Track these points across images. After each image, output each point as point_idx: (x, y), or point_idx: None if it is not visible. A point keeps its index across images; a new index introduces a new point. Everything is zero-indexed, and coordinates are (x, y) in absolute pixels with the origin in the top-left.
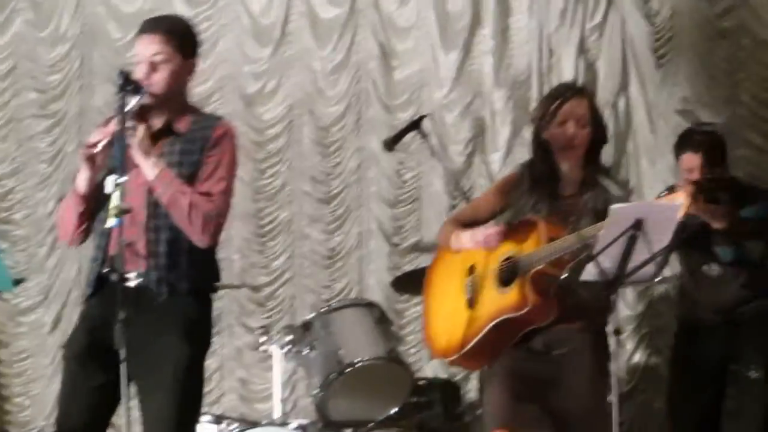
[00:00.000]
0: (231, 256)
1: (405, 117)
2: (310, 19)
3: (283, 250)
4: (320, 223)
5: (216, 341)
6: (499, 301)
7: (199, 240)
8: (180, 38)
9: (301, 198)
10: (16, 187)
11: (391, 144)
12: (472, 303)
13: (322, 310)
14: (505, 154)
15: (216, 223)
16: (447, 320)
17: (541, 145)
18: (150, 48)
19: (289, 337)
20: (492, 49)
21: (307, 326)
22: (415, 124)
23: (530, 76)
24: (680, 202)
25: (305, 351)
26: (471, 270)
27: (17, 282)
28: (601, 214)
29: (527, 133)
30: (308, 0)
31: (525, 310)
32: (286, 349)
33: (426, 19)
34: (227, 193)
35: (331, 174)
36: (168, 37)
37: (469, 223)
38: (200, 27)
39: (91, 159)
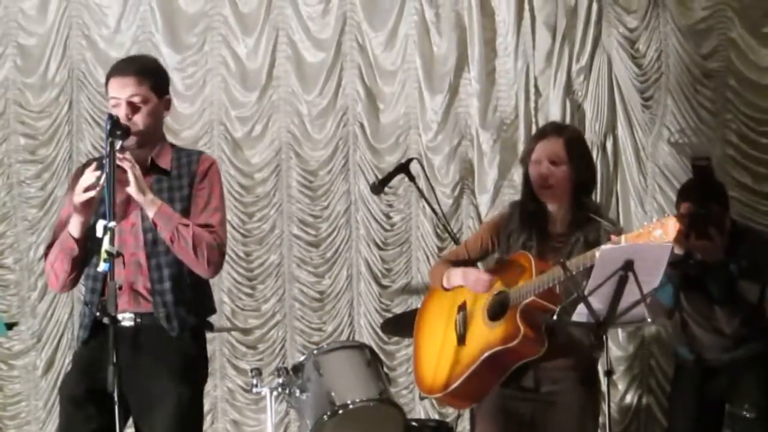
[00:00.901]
0: (221, 299)
1: (392, 160)
2: (296, 63)
3: (273, 293)
4: (309, 265)
5: (208, 383)
6: (488, 335)
7: (205, 271)
8: (152, 77)
9: (290, 241)
10: (7, 232)
11: (379, 187)
12: (462, 339)
13: (314, 352)
14: (494, 196)
15: (220, 252)
16: (436, 357)
17: (528, 184)
18: (125, 90)
19: (281, 379)
20: (478, 91)
21: (298, 368)
22: (402, 167)
23: (517, 117)
24: (669, 243)
25: (297, 393)
26: (461, 307)
27: (9, 326)
28: (592, 247)
29: (515, 174)
30: (294, 44)
31: (516, 341)
32: (278, 391)
33: (411, 62)
34: (224, 223)
35: (320, 217)
36: (141, 78)
37: (460, 262)
38: (187, 72)
39: (86, 203)
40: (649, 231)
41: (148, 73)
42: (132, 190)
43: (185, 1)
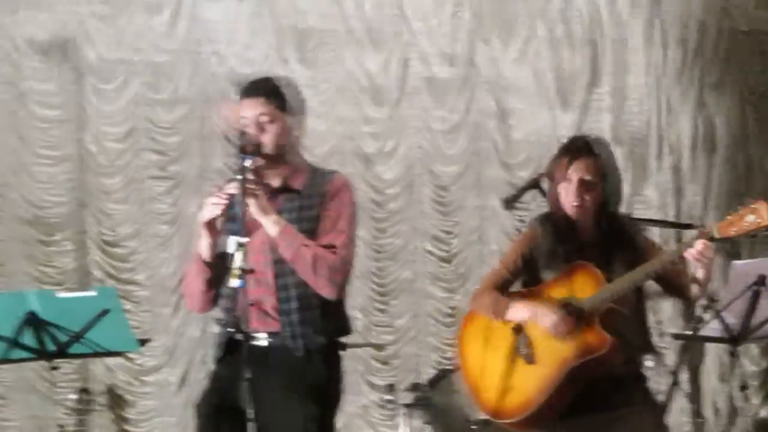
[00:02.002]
0: (354, 315)
1: (524, 175)
2: (427, 80)
3: (406, 309)
4: (442, 281)
5: (342, 399)
6: (565, 349)
7: (327, 292)
8: (282, 98)
9: (422, 257)
10: (138, 248)
11: (510, 202)
12: (531, 359)
13: (447, 368)
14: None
15: (341, 273)
16: (502, 381)
17: (556, 200)
18: (254, 111)
19: (415, 395)
20: (610, 107)
21: (431, 384)
22: (534, 183)
23: (648, 133)
24: None
25: (431, 408)
26: (517, 329)
27: (142, 342)
28: (632, 254)
29: (647, 189)
30: (425, 60)
31: (604, 350)
32: (412, 406)
33: (543, 78)
34: (349, 244)
35: (452, 233)
36: (270, 99)
37: (505, 286)
38: (319, 88)
39: (210, 225)
40: (740, 216)
41: (279, 93)
42: (253, 210)
43: (317, 18)
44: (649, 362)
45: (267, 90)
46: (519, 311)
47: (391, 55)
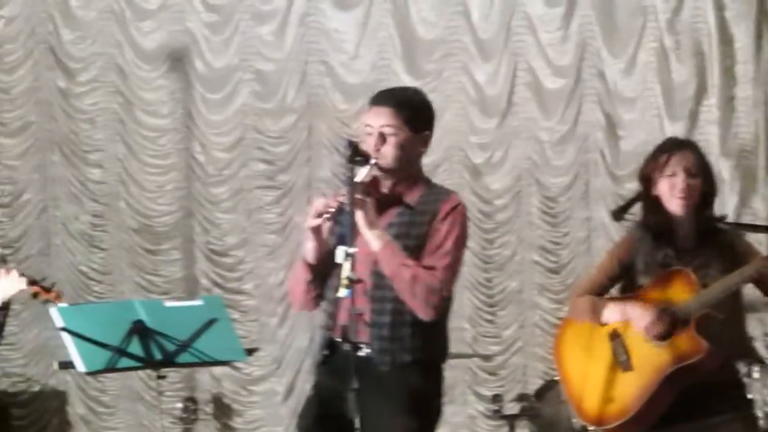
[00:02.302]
0: (462, 325)
1: (632, 187)
2: (536, 90)
3: (513, 319)
4: (550, 292)
5: (448, 410)
6: (661, 355)
7: (422, 313)
8: (410, 111)
9: (530, 268)
10: (246, 258)
11: (619, 214)
12: (627, 366)
13: (554, 378)
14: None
15: (439, 296)
16: (600, 388)
17: (653, 202)
18: (378, 120)
19: (522, 405)
20: (718, 118)
21: (539, 395)
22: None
23: (757, 145)
24: None
25: (538, 419)
26: (614, 335)
27: (250, 352)
28: (729, 257)
29: (755, 202)
30: (533, 71)
31: (700, 355)
32: (519, 417)
33: (651, 90)
34: (452, 267)
35: (560, 244)
36: (397, 110)
37: (601, 291)
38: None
39: (317, 229)
40: None
41: (407, 106)
42: (359, 221)
43: (424, 27)
44: (755, 372)
45: (397, 101)
46: (614, 312)
47: (499, 66)
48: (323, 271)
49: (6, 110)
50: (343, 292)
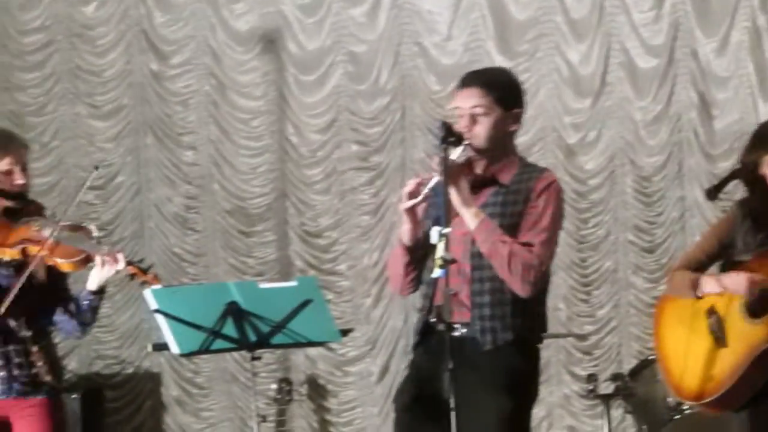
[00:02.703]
0: (557, 305)
1: (726, 166)
2: (629, 70)
3: (608, 299)
4: (644, 271)
5: (544, 389)
6: (754, 333)
7: (520, 289)
8: (499, 90)
9: (625, 247)
10: (340, 239)
11: (713, 193)
12: (721, 342)
13: (649, 357)
14: None
15: (536, 272)
16: (696, 365)
17: (757, 182)
18: (468, 101)
19: (617, 385)
20: None
21: (634, 374)
22: (737, 173)
23: None
24: None
25: (633, 398)
26: (711, 311)
27: (344, 333)
28: None
29: None
30: (627, 51)
31: None
32: (614, 396)
33: (744, 69)
34: (549, 243)
35: (654, 223)
36: (486, 90)
37: (699, 268)
38: (519, 78)
39: (411, 211)
40: None
41: (495, 86)
42: (455, 201)
43: (517, 8)
44: None
45: (485, 81)
46: (709, 283)
47: (592, 46)
48: (420, 253)
49: (99, 93)
50: (437, 272)
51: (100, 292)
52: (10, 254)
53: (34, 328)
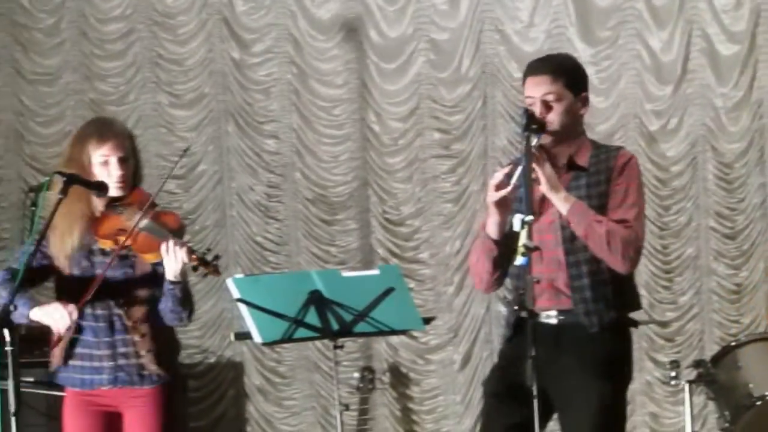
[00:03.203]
0: (639, 292)
1: None
2: (710, 56)
3: (689, 285)
4: (726, 258)
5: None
6: None
7: (620, 267)
8: (567, 75)
9: (706, 234)
10: (422, 227)
11: None
12: None
13: (731, 344)
14: None
15: (635, 247)
16: None
17: None
18: (539, 89)
19: (699, 372)
20: None
21: (716, 360)
22: None
23: None
24: None
25: (715, 385)
26: None
27: (427, 321)
28: None
29: None
30: (708, 37)
31: None
32: (696, 383)
33: None
34: (641, 217)
35: (736, 209)
36: (554, 77)
37: None
38: (601, 66)
39: (500, 203)
40: None
41: (563, 71)
42: (544, 187)
43: None
44: None
45: (552, 68)
46: None
47: (674, 33)
48: (507, 247)
49: (180, 82)
50: (519, 260)
51: (178, 282)
52: (104, 244)
53: (137, 317)
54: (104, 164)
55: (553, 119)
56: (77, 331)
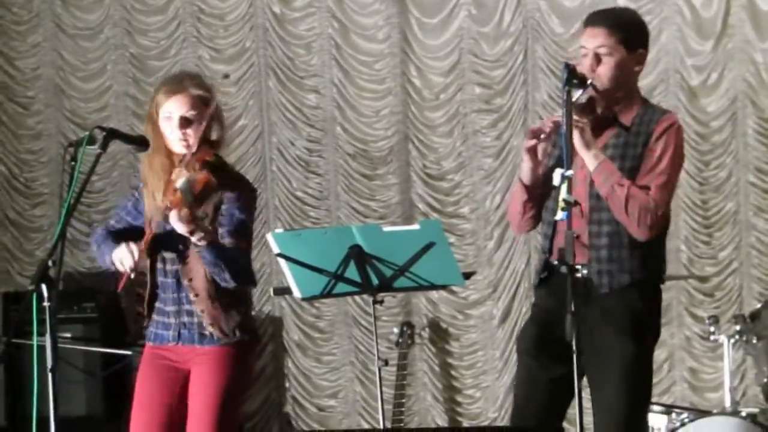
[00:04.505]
0: (678, 247)
1: None
2: (751, 12)
3: (729, 240)
4: (766, 213)
5: (665, 331)
6: None
7: (636, 232)
8: (624, 31)
9: (746, 189)
10: (463, 182)
11: None
12: None
13: None
14: None
15: (653, 215)
16: None
17: None
18: (593, 41)
19: (738, 327)
20: None
21: (755, 316)
22: None
23: None
24: None
25: (754, 340)
26: None
27: (467, 276)
28: None
29: None
30: None
31: None
32: (735, 338)
33: None
34: (667, 186)
35: None
36: (611, 31)
37: None
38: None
39: (532, 150)
40: None
41: (620, 26)
42: (576, 143)
43: None
44: None
45: (611, 21)
46: None
47: None
48: (540, 192)
49: (221, 36)
50: (559, 215)
51: (200, 245)
52: (165, 200)
53: (192, 275)
54: (168, 119)
55: (602, 73)
56: (155, 286)
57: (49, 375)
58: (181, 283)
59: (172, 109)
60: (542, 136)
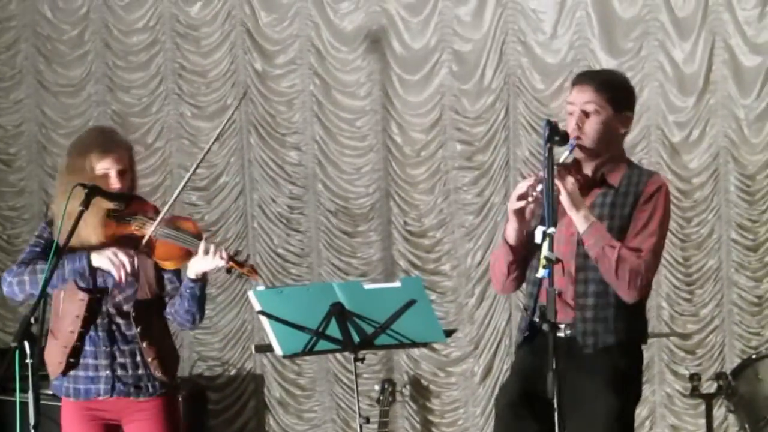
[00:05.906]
0: (660, 304)
1: None
2: (733, 68)
3: (711, 297)
4: (748, 270)
5: (647, 388)
6: None
7: (626, 295)
8: (613, 91)
9: (728, 246)
10: (444, 239)
11: None
12: None
13: (752, 356)
14: None
15: (644, 278)
16: None
17: None
18: (581, 96)
19: (719, 384)
20: None
21: (736, 373)
22: None
23: None
24: None
25: (735, 398)
26: None
27: (448, 333)
28: None
29: None
30: (730, 48)
31: None
32: (716, 396)
33: None
34: (657, 249)
35: (758, 221)
36: (600, 89)
37: None
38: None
39: (519, 212)
40: None
41: (608, 86)
42: (564, 202)
43: (622, 6)
44: None
45: (600, 81)
46: None
47: (696, 44)
48: (524, 252)
49: (203, 93)
50: (541, 272)
51: (200, 280)
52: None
53: (142, 324)
54: (104, 176)
55: (589, 129)
56: (78, 339)
57: None
58: (114, 336)
59: (110, 166)
60: (530, 198)
